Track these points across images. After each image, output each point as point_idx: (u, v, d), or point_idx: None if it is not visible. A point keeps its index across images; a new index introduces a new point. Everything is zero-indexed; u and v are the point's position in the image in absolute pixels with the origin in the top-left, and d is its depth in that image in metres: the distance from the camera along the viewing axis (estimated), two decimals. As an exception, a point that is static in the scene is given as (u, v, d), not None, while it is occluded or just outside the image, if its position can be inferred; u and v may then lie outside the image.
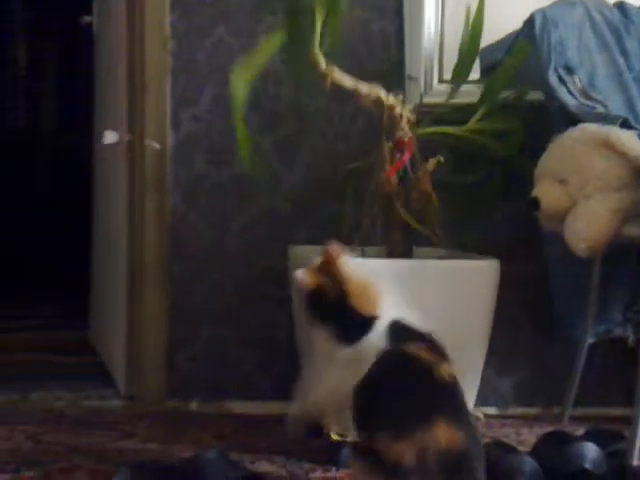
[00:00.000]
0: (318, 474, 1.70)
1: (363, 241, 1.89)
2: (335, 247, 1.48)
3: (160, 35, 2.15)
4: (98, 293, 2.81)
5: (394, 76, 2.02)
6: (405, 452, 1.27)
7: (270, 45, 1.83)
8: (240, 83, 1.77)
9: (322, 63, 1.77)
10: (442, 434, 1.28)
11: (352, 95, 2.03)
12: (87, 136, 3.12)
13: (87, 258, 2.95)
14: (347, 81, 1.80)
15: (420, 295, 1.75)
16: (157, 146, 2.17)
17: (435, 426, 1.28)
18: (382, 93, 1.82)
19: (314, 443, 1.86)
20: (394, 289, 1.53)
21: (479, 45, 1.93)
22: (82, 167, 3.40)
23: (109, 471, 1.66)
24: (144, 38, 2.15)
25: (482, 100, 1.93)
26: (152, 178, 2.18)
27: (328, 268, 1.47)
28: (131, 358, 2.22)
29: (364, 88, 1.81)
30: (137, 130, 2.20)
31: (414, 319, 1.46)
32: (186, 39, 2.16)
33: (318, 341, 1.49)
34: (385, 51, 2.14)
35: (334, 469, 1.73)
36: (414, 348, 1.39)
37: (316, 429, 1.84)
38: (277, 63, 2.15)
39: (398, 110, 1.83)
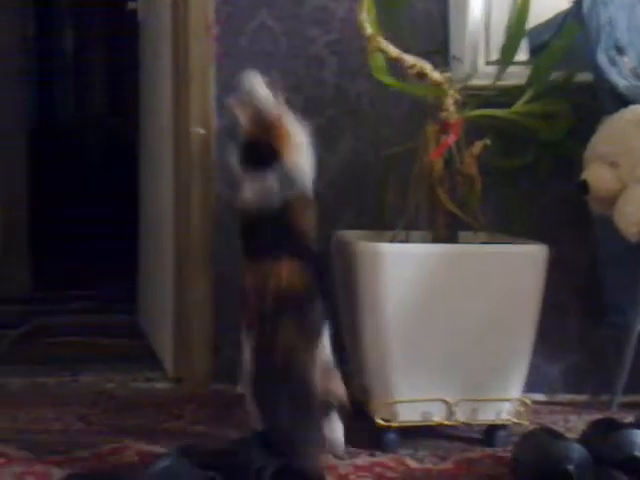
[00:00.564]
0: (363, 458, 1.71)
1: (407, 226, 1.87)
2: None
3: (204, 21, 2.15)
4: (145, 277, 2.85)
5: (439, 57, 1.99)
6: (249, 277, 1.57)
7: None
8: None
9: (367, 28, 1.75)
10: (285, 273, 1.50)
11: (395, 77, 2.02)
12: (133, 121, 3.15)
13: (135, 241, 2.99)
14: (391, 50, 1.78)
15: (466, 280, 1.74)
16: (202, 132, 2.18)
17: (281, 265, 1.51)
18: (427, 67, 1.79)
19: (360, 427, 1.87)
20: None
21: (526, 26, 1.89)
22: (129, 151, 3.44)
23: (158, 452, 1.70)
24: (188, 24, 2.16)
25: (530, 82, 1.88)
26: (197, 163, 2.20)
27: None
28: (178, 341, 2.25)
29: (409, 59, 1.78)
30: (182, 116, 2.21)
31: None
32: (229, 24, 2.16)
33: None
34: (429, 31, 2.11)
35: (379, 453, 1.73)
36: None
37: (362, 413, 1.85)
38: (320, 47, 2.14)
39: (444, 87, 1.80)
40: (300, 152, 1.64)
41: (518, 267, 1.77)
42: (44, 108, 5.06)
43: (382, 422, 1.74)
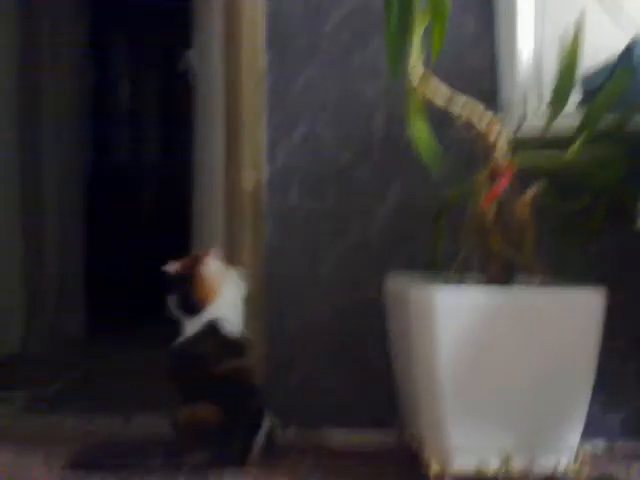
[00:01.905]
0: (418, 509, 1.68)
1: (461, 270, 1.86)
2: (209, 252, 1.99)
3: (255, 73, 2.20)
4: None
5: (489, 105, 1.99)
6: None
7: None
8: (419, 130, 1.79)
9: (415, 79, 1.76)
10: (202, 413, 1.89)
11: (445, 124, 2.02)
12: (187, 168, 3.22)
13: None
14: (438, 98, 1.78)
15: (521, 325, 1.72)
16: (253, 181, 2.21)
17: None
18: (476, 115, 1.79)
19: (412, 476, 1.84)
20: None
21: (576, 71, 1.87)
22: (182, 198, 3.51)
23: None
24: (240, 76, 2.21)
25: (582, 127, 1.87)
26: (249, 210, 2.23)
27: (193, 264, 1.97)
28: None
29: (456, 108, 1.79)
30: (234, 166, 2.25)
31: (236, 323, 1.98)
32: (280, 76, 2.20)
33: None
34: (479, 81, 2.12)
35: (434, 504, 1.70)
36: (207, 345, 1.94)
37: (415, 462, 1.82)
38: (368, 96, 2.17)
39: (492, 138, 1.80)
40: (225, 302, 1.98)
41: (575, 312, 1.74)
42: (100, 159, 5.21)
43: (436, 471, 1.71)
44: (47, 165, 3.90)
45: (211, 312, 1.95)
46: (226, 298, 1.98)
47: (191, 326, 1.96)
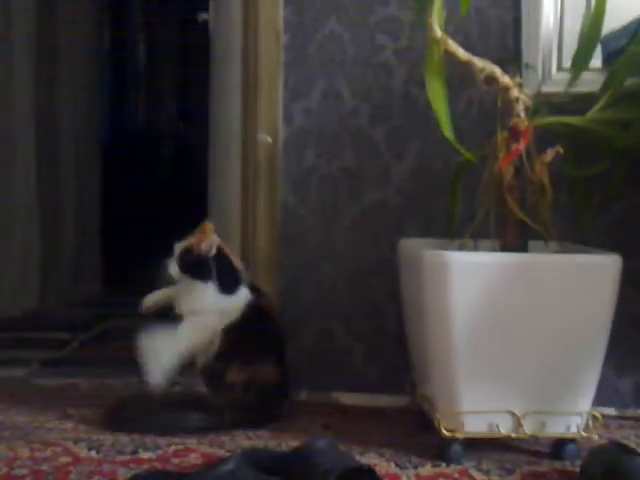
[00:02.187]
0: (427, 469, 1.69)
1: (475, 235, 1.85)
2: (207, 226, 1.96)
3: (273, 29, 2.18)
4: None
5: (510, 65, 1.96)
6: (236, 378, 1.90)
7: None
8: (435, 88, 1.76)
9: (437, 31, 1.73)
10: (269, 373, 1.92)
11: (464, 84, 2.00)
12: (204, 129, 3.21)
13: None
14: (461, 53, 1.76)
15: (536, 291, 1.71)
16: (270, 140, 2.20)
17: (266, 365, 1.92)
18: (497, 70, 1.76)
19: (424, 437, 1.85)
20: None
21: (600, 31, 1.84)
22: (199, 159, 3.50)
23: (222, 455, 1.71)
24: (258, 33, 2.19)
25: (604, 89, 1.84)
26: (264, 171, 2.22)
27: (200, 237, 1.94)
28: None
29: (479, 62, 1.76)
30: (250, 124, 2.24)
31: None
32: (298, 32, 2.18)
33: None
34: (500, 38, 2.09)
35: (444, 465, 1.71)
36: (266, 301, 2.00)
37: (426, 423, 1.83)
38: (388, 54, 2.14)
39: (514, 93, 1.77)
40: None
41: (590, 278, 1.72)
42: (116, 119, 5.20)
43: (447, 433, 1.72)
44: (64, 131, 3.90)
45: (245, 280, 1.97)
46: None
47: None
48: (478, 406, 1.71)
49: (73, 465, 1.66)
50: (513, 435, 1.73)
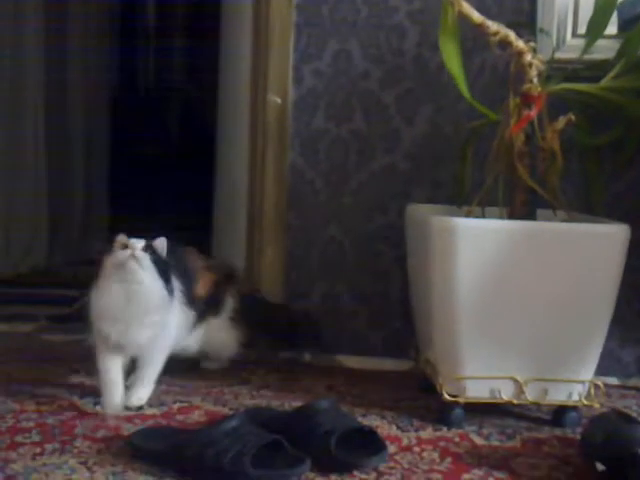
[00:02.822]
0: (428, 432, 1.70)
1: (484, 201, 1.84)
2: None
3: (286, -12, 2.15)
4: (219, 241, 2.88)
5: (525, 29, 1.93)
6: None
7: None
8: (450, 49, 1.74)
9: None
10: None
11: (477, 48, 1.97)
12: (213, 90, 3.19)
13: (209, 207, 3.03)
14: (475, 15, 1.73)
15: (542, 259, 1.70)
16: (279, 101, 2.18)
17: None
18: (512, 34, 1.74)
19: (425, 401, 1.86)
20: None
21: (616, -4, 1.82)
22: (209, 119, 3.49)
23: (225, 413, 1.73)
24: (270, -9, 2.16)
25: (619, 56, 1.81)
26: (273, 132, 2.21)
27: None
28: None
29: (493, 26, 1.73)
30: (260, 85, 2.22)
31: None
32: (311, -7, 2.15)
33: None
34: (515, 3, 2.05)
35: (445, 428, 1.73)
36: None
37: (429, 387, 1.84)
38: (401, 15, 2.11)
39: (528, 58, 1.75)
40: None
41: (597, 247, 1.71)
42: (126, 76, 5.18)
43: (449, 397, 1.73)
44: (72, 90, 3.88)
45: None
46: None
47: None
48: (480, 372, 1.72)
49: (78, 419, 1.69)
50: (515, 401, 1.74)
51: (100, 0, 4.10)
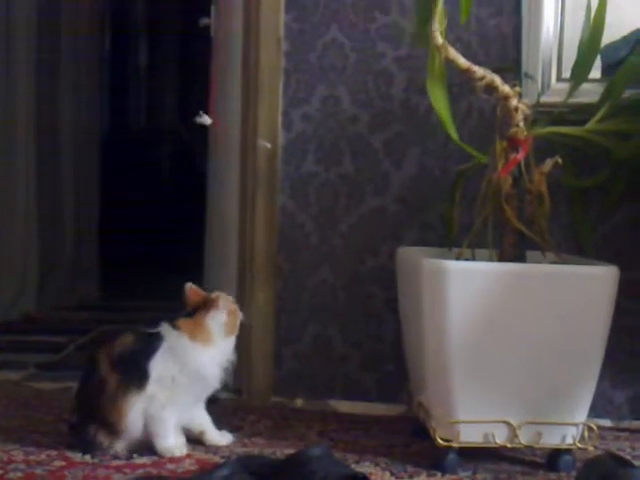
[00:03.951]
0: (422, 478, 1.68)
1: (473, 244, 1.85)
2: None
3: (274, 36, 2.18)
4: (209, 285, 2.87)
5: (510, 74, 1.96)
6: None
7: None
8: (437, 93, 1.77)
9: (438, 38, 1.73)
10: None
11: (464, 92, 2.00)
12: (204, 133, 3.21)
13: (201, 251, 3.02)
14: (461, 61, 1.76)
15: (533, 301, 1.71)
16: (269, 146, 2.20)
17: None
18: (497, 79, 1.76)
19: (419, 445, 1.84)
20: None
21: (600, 42, 1.84)
22: (198, 163, 3.51)
23: (217, 461, 1.71)
24: (259, 39, 2.19)
25: (603, 100, 1.84)
26: (263, 176, 2.22)
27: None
28: (239, 353, 2.26)
29: (479, 71, 1.76)
30: (250, 129, 2.24)
31: None
32: (299, 40, 2.18)
33: None
34: (501, 49, 2.09)
35: (439, 474, 1.71)
36: None
37: (422, 432, 1.82)
38: (388, 61, 2.14)
39: (514, 102, 1.77)
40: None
41: (587, 288, 1.72)
42: (117, 119, 5.21)
43: (442, 442, 1.72)
44: (64, 130, 3.90)
45: None
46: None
47: None
48: (474, 415, 1.71)
49: (67, 469, 1.66)
50: (509, 445, 1.73)
51: (91, 38, 4.15)
